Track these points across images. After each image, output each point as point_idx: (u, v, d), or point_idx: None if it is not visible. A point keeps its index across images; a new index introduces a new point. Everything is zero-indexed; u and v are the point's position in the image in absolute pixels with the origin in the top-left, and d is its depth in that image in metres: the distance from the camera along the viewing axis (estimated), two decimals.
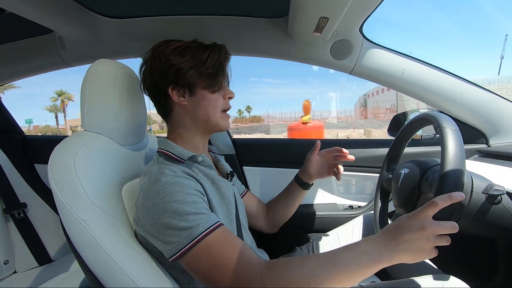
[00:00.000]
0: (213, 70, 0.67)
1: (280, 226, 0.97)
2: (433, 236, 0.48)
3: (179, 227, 0.52)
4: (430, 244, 0.48)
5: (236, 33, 1.02)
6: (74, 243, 0.60)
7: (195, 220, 0.53)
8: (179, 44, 0.67)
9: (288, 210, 0.96)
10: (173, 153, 0.66)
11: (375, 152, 1.17)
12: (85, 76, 0.71)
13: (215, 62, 0.67)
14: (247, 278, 0.49)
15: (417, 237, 0.47)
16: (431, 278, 0.66)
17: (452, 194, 0.49)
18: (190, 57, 0.66)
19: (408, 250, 0.48)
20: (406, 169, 0.75)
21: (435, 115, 0.66)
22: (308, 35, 0.89)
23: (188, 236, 0.52)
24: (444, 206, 0.48)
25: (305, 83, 38.45)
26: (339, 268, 0.48)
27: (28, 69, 1.22)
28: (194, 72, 0.66)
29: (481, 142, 1.06)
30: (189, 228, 0.52)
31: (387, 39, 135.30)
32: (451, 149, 0.58)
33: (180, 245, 0.52)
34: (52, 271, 1.20)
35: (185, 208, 0.54)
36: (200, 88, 0.67)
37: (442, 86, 1.00)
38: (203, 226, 0.53)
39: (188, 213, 0.53)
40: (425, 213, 0.49)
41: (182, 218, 0.53)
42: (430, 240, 0.47)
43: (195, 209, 0.54)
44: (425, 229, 0.47)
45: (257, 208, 0.94)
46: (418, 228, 0.48)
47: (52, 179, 0.61)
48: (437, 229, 0.47)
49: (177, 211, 0.53)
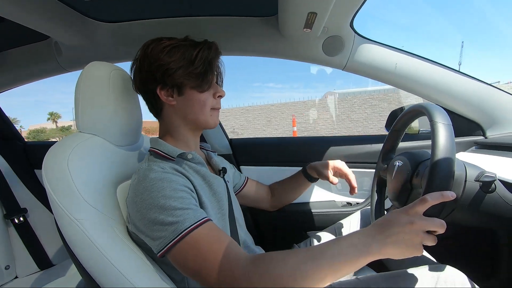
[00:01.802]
0: (202, 69, 0.67)
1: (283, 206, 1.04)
2: (421, 231, 0.48)
3: (165, 222, 0.53)
4: (418, 239, 0.48)
5: (229, 33, 1.03)
6: (69, 243, 0.60)
7: (181, 215, 0.53)
8: (168, 43, 0.66)
9: (293, 196, 1.01)
10: (162, 151, 0.66)
11: (371, 148, 1.17)
12: (79, 79, 0.72)
13: (204, 61, 0.67)
14: (233, 273, 0.48)
15: (405, 230, 0.47)
16: (427, 268, 0.65)
17: (444, 193, 0.50)
18: (179, 57, 0.65)
19: (396, 243, 0.47)
20: (399, 161, 0.75)
21: (428, 107, 0.64)
22: (299, 32, 0.90)
23: (174, 231, 0.52)
24: (433, 204, 0.49)
25: (309, 87, 38.79)
26: (324, 261, 0.47)
27: (25, 76, 1.24)
28: (183, 72, 0.65)
29: (478, 134, 1.05)
30: (175, 223, 0.52)
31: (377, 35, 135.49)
32: (440, 144, 0.56)
33: (166, 240, 0.52)
34: (53, 275, 1.20)
35: (172, 203, 0.54)
36: (189, 88, 0.67)
37: (436, 79, 1.00)
38: (189, 221, 0.53)
39: (175, 208, 0.53)
40: (415, 209, 0.49)
41: (169, 213, 0.53)
42: (419, 235, 0.47)
43: (182, 204, 0.55)
44: (414, 223, 0.47)
45: (260, 192, 1.00)
46: (406, 222, 0.48)
47: (46, 180, 0.62)
48: (425, 225, 0.47)
49: (164, 206, 0.53)
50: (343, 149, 1.19)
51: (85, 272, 0.60)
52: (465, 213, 0.65)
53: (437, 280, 0.61)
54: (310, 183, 0.97)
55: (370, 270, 0.87)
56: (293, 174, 1.00)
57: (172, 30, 1.03)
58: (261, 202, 1.01)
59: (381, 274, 0.69)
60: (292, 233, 1.20)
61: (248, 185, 0.97)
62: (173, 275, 0.64)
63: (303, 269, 0.47)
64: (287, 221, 1.22)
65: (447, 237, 0.51)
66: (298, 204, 1.23)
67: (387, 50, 0.99)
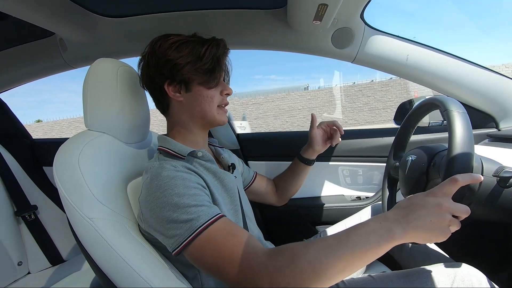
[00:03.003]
0: (210, 65, 0.66)
1: (290, 198, 1.04)
2: (449, 214, 0.44)
3: (180, 220, 0.52)
4: (445, 223, 0.44)
5: (236, 26, 1.01)
6: (82, 242, 0.60)
7: (196, 212, 0.53)
8: (177, 39, 0.66)
9: (296, 186, 1.01)
10: (172, 150, 0.66)
11: (381, 141, 1.15)
12: (86, 76, 0.71)
13: (212, 57, 0.66)
14: (252, 267, 0.47)
15: (432, 213, 0.44)
16: (443, 266, 0.64)
17: (473, 174, 0.47)
18: (187, 53, 0.65)
19: (421, 227, 0.44)
20: (413, 155, 0.74)
21: (441, 99, 0.64)
22: (308, 24, 0.88)
23: (190, 228, 0.51)
24: (464, 185, 0.46)
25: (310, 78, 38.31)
26: (345, 249, 0.45)
27: (31, 73, 1.23)
28: (190, 68, 0.65)
29: (491, 127, 1.03)
30: (190, 220, 0.52)
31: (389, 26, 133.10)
32: (458, 132, 0.56)
33: (182, 238, 0.52)
34: (65, 271, 1.22)
35: (186, 201, 0.53)
36: (196, 84, 0.67)
37: (448, 71, 0.98)
38: (204, 217, 0.52)
39: (189, 206, 0.53)
40: (444, 190, 0.46)
41: (183, 211, 0.52)
42: (447, 218, 0.44)
43: (195, 202, 0.54)
44: (442, 205, 0.44)
45: (268, 187, 1.01)
46: (434, 205, 0.45)
47: (57, 179, 0.62)
48: (454, 208, 0.44)
49: (177, 204, 0.53)
50: (352, 142, 1.18)
51: (98, 269, 0.60)
52: (481, 208, 0.64)
53: (453, 279, 0.60)
54: (308, 166, 0.96)
55: (382, 265, 0.86)
56: (289, 166, 1.01)
57: (177, 24, 1.02)
58: (269, 197, 1.01)
59: (395, 272, 0.68)
60: (301, 228, 1.20)
61: (257, 181, 0.98)
62: (185, 273, 0.64)
63: (324, 260, 0.45)
64: (296, 216, 1.21)
65: (458, 230, 0.50)
66: (307, 198, 1.22)
67: (398, 41, 0.97)
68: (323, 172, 1.23)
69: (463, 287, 0.59)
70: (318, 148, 0.92)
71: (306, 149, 0.95)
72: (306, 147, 0.95)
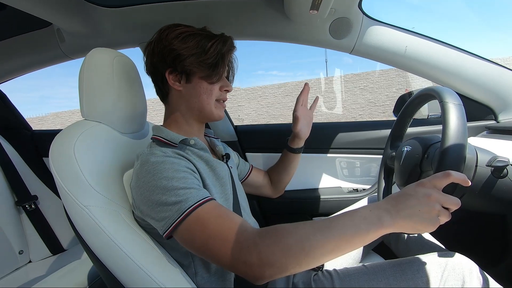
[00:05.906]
0: (214, 60, 0.67)
1: (285, 189, 1.09)
2: (438, 204, 0.45)
3: (169, 202, 0.53)
4: (434, 213, 0.45)
5: (234, 16, 1.00)
6: (78, 230, 0.61)
7: (184, 194, 0.53)
8: (185, 30, 0.67)
9: (289, 175, 1.04)
10: (164, 138, 0.67)
11: (379, 133, 1.15)
12: (82, 65, 0.71)
13: (217, 53, 0.67)
14: (241, 243, 0.48)
15: (421, 203, 0.45)
16: (436, 255, 0.65)
17: (466, 177, 0.47)
18: (192, 45, 0.66)
19: (411, 216, 0.45)
20: (408, 146, 0.74)
21: (438, 89, 0.63)
22: (305, 14, 0.87)
23: (178, 210, 0.52)
24: (455, 181, 0.46)
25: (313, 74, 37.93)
26: (334, 231, 0.46)
27: (29, 63, 1.23)
28: (194, 60, 0.66)
29: (490, 119, 1.03)
30: (179, 202, 0.52)
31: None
32: (452, 124, 0.55)
33: (171, 220, 0.52)
34: (65, 260, 1.24)
35: (174, 183, 0.54)
36: (198, 77, 0.68)
37: (447, 62, 0.97)
38: (192, 199, 0.53)
39: (178, 188, 0.54)
40: (434, 182, 0.46)
41: (171, 193, 0.53)
42: (436, 208, 0.45)
43: (184, 184, 0.55)
44: (431, 196, 0.45)
45: (263, 179, 1.03)
46: (424, 194, 0.45)
47: (53, 167, 0.62)
48: (443, 199, 0.45)
49: (166, 187, 0.54)
50: (350, 134, 1.17)
51: (95, 257, 0.61)
52: (475, 198, 0.64)
53: (444, 268, 0.61)
54: (296, 154, 0.99)
55: (378, 257, 0.87)
56: (280, 158, 1.03)
57: (175, 15, 1.00)
58: (265, 189, 1.03)
59: (388, 261, 0.68)
60: (298, 220, 1.19)
61: (253, 173, 0.99)
62: (181, 260, 0.64)
63: (313, 239, 0.46)
64: (293, 208, 1.22)
65: (454, 222, 0.50)
66: (304, 190, 1.23)
67: (396, 32, 0.95)
68: (321, 164, 1.23)
69: (454, 275, 0.59)
70: (304, 135, 0.95)
71: (292, 140, 0.98)
72: (292, 138, 0.98)
